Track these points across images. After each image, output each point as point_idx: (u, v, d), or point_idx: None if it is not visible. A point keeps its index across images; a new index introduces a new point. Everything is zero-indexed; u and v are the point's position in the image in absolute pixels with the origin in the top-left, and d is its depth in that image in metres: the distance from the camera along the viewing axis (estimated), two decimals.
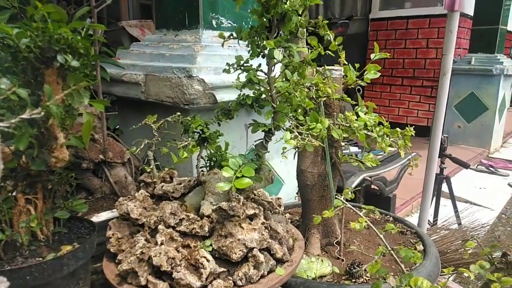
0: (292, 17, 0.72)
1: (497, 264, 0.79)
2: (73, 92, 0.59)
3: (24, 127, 0.52)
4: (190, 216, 0.87)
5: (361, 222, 0.81)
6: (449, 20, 1.24)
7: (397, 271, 1.20)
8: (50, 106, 0.55)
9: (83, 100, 0.60)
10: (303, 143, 0.74)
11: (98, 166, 1.26)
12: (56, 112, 0.56)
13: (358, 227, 0.80)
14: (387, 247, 0.77)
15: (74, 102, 0.60)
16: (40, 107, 0.53)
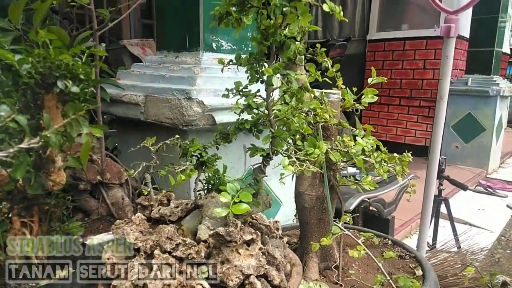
0: (290, 45, 0.73)
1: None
2: (71, 121, 0.59)
3: (22, 156, 0.53)
4: (186, 241, 0.86)
5: (359, 249, 0.80)
6: (445, 45, 1.26)
7: None
8: (49, 136, 0.55)
9: (81, 129, 0.61)
10: (301, 169, 0.74)
11: (95, 187, 1.26)
12: (55, 141, 0.56)
13: (357, 255, 0.79)
14: (385, 275, 0.76)
15: (73, 131, 0.60)
16: (39, 136, 0.54)
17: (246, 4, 0.75)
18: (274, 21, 0.74)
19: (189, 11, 1.50)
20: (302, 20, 0.73)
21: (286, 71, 0.74)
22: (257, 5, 0.76)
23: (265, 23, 0.75)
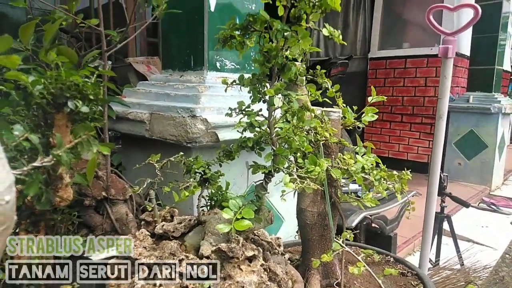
0: (291, 67, 0.76)
1: None
2: (82, 140, 0.62)
3: (35, 174, 0.55)
4: (189, 256, 0.87)
5: (359, 266, 0.81)
6: (443, 66, 1.29)
7: None
8: (61, 155, 0.58)
9: (92, 148, 0.64)
10: (301, 186, 0.76)
11: (100, 203, 1.28)
12: (67, 160, 0.59)
13: (357, 271, 0.80)
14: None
15: (83, 150, 0.63)
16: (52, 155, 0.56)
17: (249, 28, 0.79)
18: (276, 44, 0.78)
19: (194, 33, 1.55)
20: (303, 43, 0.77)
21: (287, 92, 0.77)
22: (259, 29, 0.79)
23: (267, 46, 0.79)
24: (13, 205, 0.35)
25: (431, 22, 1.30)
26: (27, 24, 1.14)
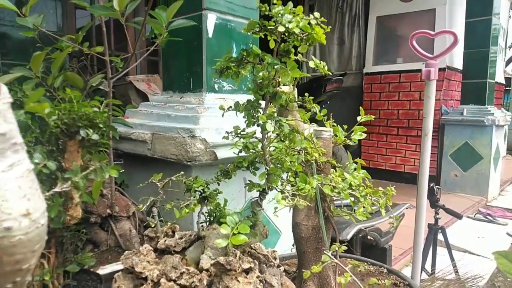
0: (282, 95, 0.84)
1: None
2: (97, 168, 0.70)
3: (55, 198, 0.62)
4: (190, 269, 0.94)
5: (346, 276, 0.88)
6: (427, 87, 1.38)
7: None
8: (78, 181, 0.65)
9: (105, 175, 0.71)
10: (293, 203, 0.84)
11: (104, 220, 1.35)
12: (82, 186, 0.66)
13: (343, 281, 0.87)
14: None
15: (97, 176, 0.70)
16: (70, 181, 0.64)
17: (243, 60, 0.87)
18: (268, 74, 0.86)
19: (193, 57, 1.64)
20: (292, 73, 0.85)
21: (278, 118, 0.85)
22: (253, 61, 0.88)
23: (259, 76, 0.87)
24: (45, 227, 0.42)
25: (414, 47, 1.39)
26: (38, 54, 1.23)
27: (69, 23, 4.16)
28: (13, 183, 0.36)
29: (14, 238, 0.36)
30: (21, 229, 0.36)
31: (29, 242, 0.38)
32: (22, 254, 0.37)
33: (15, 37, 2.82)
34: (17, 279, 0.38)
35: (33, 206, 0.38)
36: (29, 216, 0.37)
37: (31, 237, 0.38)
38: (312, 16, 0.80)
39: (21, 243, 0.37)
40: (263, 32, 0.86)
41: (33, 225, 0.38)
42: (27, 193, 0.37)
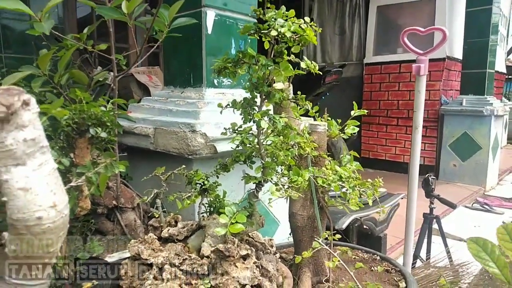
0: (275, 94, 0.90)
1: None
2: (107, 164, 0.76)
3: (71, 192, 0.69)
4: (192, 256, 1.01)
5: (334, 261, 0.95)
6: (417, 82, 1.43)
7: None
8: (91, 177, 0.72)
9: (114, 170, 0.78)
10: (286, 194, 0.90)
11: (111, 211, 1.42)
12: (95, 180, 0.73)
13: (331, 265, 0.94)
14: (356, 282, 0.90)
15: (108, 171, 0.77)
16: (85, 177, 0.70)
17: (239, 61, 0.93)
18: (263, 75, 0.92)
19: (193, 52, 1.70)
20: (285, 73, 0.91)
21: (272, 115, 0.91)
22: (248, 61, 0.94)
23: (255, 75, 0.93)
24: (68, 217, 0.49)
25: (406, 44, 1.44)
26: (45, 53, 1.29)
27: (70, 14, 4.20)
28: (42, 180, 0.43)
29: (44, 226, 0.43)
30: (49, 218, 0.43)
31: (56, 229, 0.44)
32: (50, 239, 0.44)
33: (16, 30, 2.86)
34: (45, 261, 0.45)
35: (58, 199, 0.44)
36: (55, 208, 0.44)
37: (57, 225, 0.44)
38: (303, 21, 0.86)
39: (49, 230, 0.43)
40: (258, 34, 0.92)
41: (59, 215, 0.45)
42: (53, 188, 0.44)
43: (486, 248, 0.73)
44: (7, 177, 0.41)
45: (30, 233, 0.43)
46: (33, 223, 0.43)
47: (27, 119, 0.41)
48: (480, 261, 0.72)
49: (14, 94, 0.41)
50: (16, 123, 0.41)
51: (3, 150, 0.41)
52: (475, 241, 0.74)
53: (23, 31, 2.80)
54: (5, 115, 0.39)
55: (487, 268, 0.71)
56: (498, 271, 0.70)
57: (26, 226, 0.43)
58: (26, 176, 0.42)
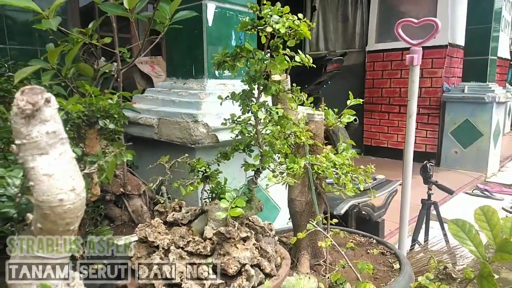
0: (271, 87, 0.96)
1: (439, 275, 0.98)
2: (117, 153, 0.83)
3: (84, 179, 0.75)
4: (195, 238, 1.08)
5: (327, 241, 1.02)
6: (411, 72, 1.48)
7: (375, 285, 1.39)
8: (103, 164, 0.78)
9: (123, 159, 0.84)
10: (283, 181, 0.97)
11: (118, 198, 1.49)
12: (106, 168, 0.79)
13: (324, 245, 1.01)
14: (347, 260, 0.97)
15: (117, 159, 0.83)
16: (97, 164, 0.77)
17: (238, 55, 0.99)
18: (259, 68, 0.98)
19: (194, 45, 1.75)
20: (280, 67, 0.96)
21: (269, 106, 0.97)
22: (246, 55, 0.99)
23: (252, 69, 0.99)
24: (85, 200, 0.55)
25: (400, 35, 1.48)
26: (54, 49, 1.35)
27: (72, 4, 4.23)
28: (62, 167, 0.49)
29: (65, 207, 0.49)
30: (69, 200, 0.50)
31: (75, 209, 0.51)
32: (70, 218, 0.51)
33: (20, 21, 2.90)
34: (66, 237, 0.51)
35: (77, 184, 0.51)
36: (74, 191, 0.50)
37: (76, 206, 0.51)
38: (296, 17, 0.91)
39: (69, 210, 0.50)
40: (255, 30, 0.97)
41: (77, 197, 0.51)
42: (72, 174, 0.50)
43: (465, 228, 0.79)
44: (33, 164, 0.48)
45: (53, 213, 0.50)
46: (56, 204, 0.49)
47: (49, 115, 0.48)
48: (458, 240, 0.78)
49: (38, 93, 0.47)
50: (40, 118, 0.47)
51: (29, 141, 0.47)
52: (455, 222, 0.80)
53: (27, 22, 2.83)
54: (31, 112, 0.45)
55: (464, 246, 0.77)
56: (474, 248, 0.76)
57: (50, 207, 0.50)
58: (49, 163, 0.48)
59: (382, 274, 1.49)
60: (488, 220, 0.79)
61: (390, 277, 1.45)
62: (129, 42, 4.87)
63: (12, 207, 0.60)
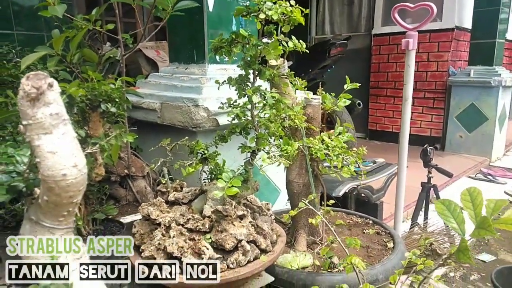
0: (266, 72, 1.00)
1: (425, 251, 1.03)
2: (117, 135, 0.88)
3: (87, 158, 0.81)
4: (195, 216, 1.14)
5: (317, 218, 1.07)
6: (407, 57, 1.50)
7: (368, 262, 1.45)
8: (104, 145, 0.83)
9: (124, 140, 0.89)
10: (275, 161, 1.02)
11: (123, 179, 1.56)
12: (107, 148, 0.85)
13: (314, 222, 1.06)
14: (335, 236, 1.02)
15: (118, 140, 0.89)
16: (99, 145, 0.82)
17: (233, 41, 1.03)
18: (255, 53, 1.02)
19: (195, 30, 1.78)
20: (274, 52, 1.00)
21: (263, 90, 1.01)
22: (242, 41, 1.03)
23: (247, 54, 1.03)
24: (86, 175, 0.61)
25: (396, 19, 1.50)
26: (59, 36, 1.39)
27: None
28: (65, 145, 0.54)
29: (68, 181, 0.55)
30: (72, 175, 0.55)
31: (77, 184, 0.57)
32: (73, 192, 0.56)
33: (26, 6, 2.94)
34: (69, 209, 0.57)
35: (78, 161, 0.56)
36: (76, 167, 0.56)
37: (78, 180, 0.57)
38: (289, 3, 0.94)
39: (72, 184, 0.56)
40: (250, 16, 1.01)
41: (79, 173, 0.57)
42: (74, 152, 0.56)
43: (450, 207, 0.83)
44: (39, 143, 0.53)
45: (58, 186, 0.56)
46: (60, 179, 0.55)
47: (52, 98, 0.53)
48: (443, 218, 0.82)
49: (42, 78, 0.52)
50: (44, 101, 0.52)
51: (35, 122, 0.53)
52: (442, 202, 0.84)
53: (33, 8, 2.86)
54: (35, 95, 0.50)
55: (448, 223, 0.82)
56: (457, 226, 0.80)
57: (55, 181, 0.55)
58: (53, 142, 0.54)
59: (376, 252, 1.55)
60: (472, 200, 0.83)
61: (383, 255, 1.51)
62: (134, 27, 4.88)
63: (21, 181, 0.66)
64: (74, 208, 0.61)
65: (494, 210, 0.77)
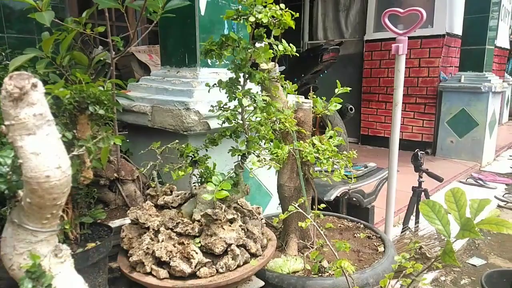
0: (255, 74, 1.00)
1: (415, 255, 1.03)
2: (104, 137, 0.87)
3: (73, 160, 0.80)
4: (184, 220, 1.13)
5: (307, 221, 1.07)
6: (397, 61, 1.51)
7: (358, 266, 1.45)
8: (90, 147, 0.82)
9: (110, 142, 0.88)
10: (265, 164, 1.01)
11: (112, 183, 1.54)
12: (93, 151, 0.84)
13: (304, 225, 1.06)
14: (325, 239, 1.02)
15: (105, 143, 0.87)
16: (85, 147, 0.81)
17: (223, 44, 1.03)
18: (245, 56, 1.01)
19: (187, 34, 1.78)
20: (264, 55, 1.00)
21: (253, 94, 1.01)
22: (232, 44, 1.03)
23: (238, 57, 1.03)
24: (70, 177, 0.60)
25: (386, 24, 1.51)
26: (48, 37, 1.38)
27: None
28: (49, 146, 0.53)
29: (51, 183, 0.54)
30: (55, 176, 0.54)
31: (61, 185, 0.56)
32: (56, 194, 0.55)
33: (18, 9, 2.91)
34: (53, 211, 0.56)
35: (62, 162, 0.55)
36: (60, 168, 0.55)
37: (62, 182, 0.56)
38: (279, 7, 0.94)
39: (56, 186, 0.55)
40: (240, 19, 1.01)
41: (63, 174, 0.56)
42: (57, 153, 0.55)
43: (435, 209, 0.84)
44: (21, 143, 0.52)
45: (41, 188, 0.55)
46: (43, 180, 0.54)
47: (35, 98, 0.52)
48: (428, 219, 0.83)
49: (25, 78, 0.51)
50: (27, 101, 0.51)
51: (18, 122, 0.52)
52: (426, 203, 0.84)
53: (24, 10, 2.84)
54: (18, 95, 0.49)
55: (433, 225, 0.82)
56: (442, 227, 0.81)
57: (38, 183, 0.54)
58: (36, 143, 0.53)
59: (367, 256, 1.55)
60: (456, 202, 0.83)
61: (374, 259, 1.51)
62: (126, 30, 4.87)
63: (4, 183, 0.65)
64: (58, 211, 0.60)
65: (478, 210, 0.78)
